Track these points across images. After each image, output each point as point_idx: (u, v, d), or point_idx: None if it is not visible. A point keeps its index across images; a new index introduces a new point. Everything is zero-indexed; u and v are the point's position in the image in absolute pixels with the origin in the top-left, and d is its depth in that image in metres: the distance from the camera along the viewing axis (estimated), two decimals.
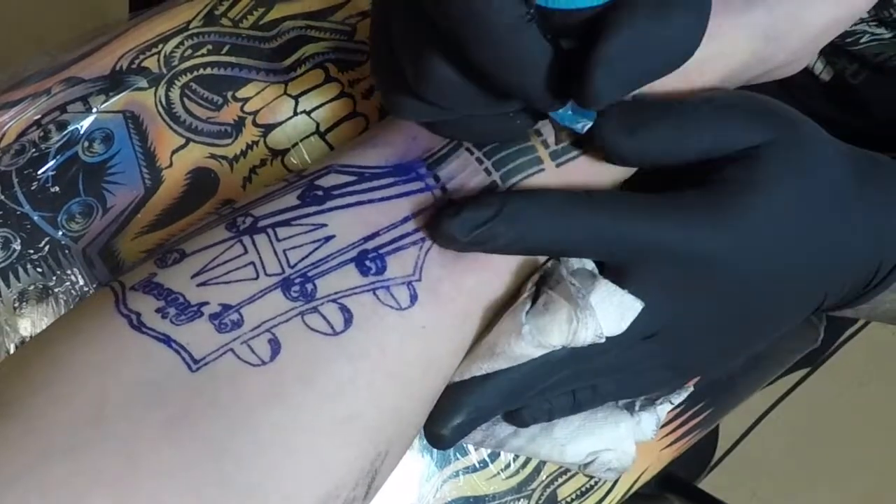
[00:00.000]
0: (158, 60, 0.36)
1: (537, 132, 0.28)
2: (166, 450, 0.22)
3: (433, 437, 0.27)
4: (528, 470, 0.39)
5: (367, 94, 0.36)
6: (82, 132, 0.35)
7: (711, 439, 0.95)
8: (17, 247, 0.34)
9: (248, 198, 0.28)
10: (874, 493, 1.23)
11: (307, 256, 0.25)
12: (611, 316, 0.26)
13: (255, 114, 0.36)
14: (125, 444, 0.21)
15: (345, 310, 0.25)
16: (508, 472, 0.38)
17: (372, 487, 0.26)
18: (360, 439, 0.24)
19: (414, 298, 0.26)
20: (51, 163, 0.34)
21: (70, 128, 0.35)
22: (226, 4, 0.37)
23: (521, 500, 0.39)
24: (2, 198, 0.34)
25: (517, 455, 0.39)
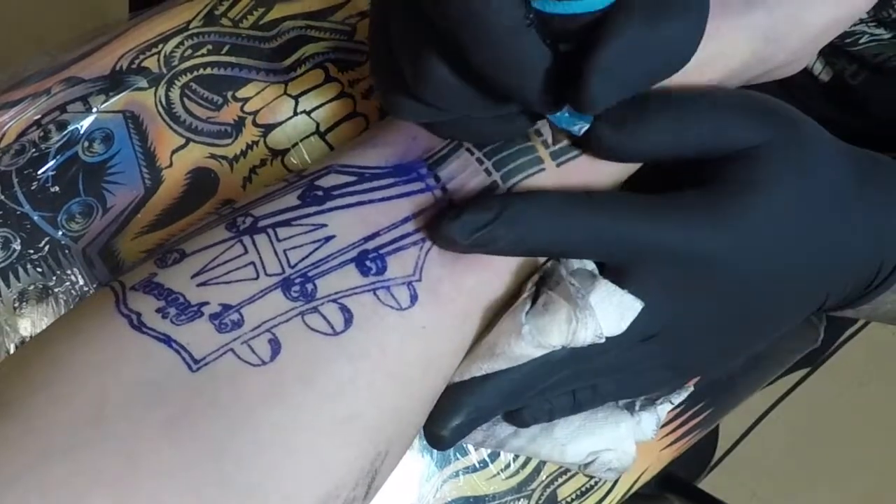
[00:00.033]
0: (158, 60, 0.36)
1: (538, 132, 0.28)
2: (166, 450, 0.22)
3: (433, 437, 0.27)
4: (528, 470, 0.39)
5: (367, 94, 0.36)
6: (82, 132, 0.35)
7: (711, 439, 0.95)
8: (17, 247, 0.34)
9: (248, 198, 0.28)
10: (874, 493, 1.23)
11: (307, 256, 0.25)
12: (610, 316, 0.26)
13: (255, 114, 0.36)
14: (125, 444, 0.21)
15: (345, 310, 0.25)
16: (508, 472, 0.38)
17: (372, 487, 0.26)
18: (360, 439, 0.24)
19: (414, 298, 0.26)
20: (51, 163, 0.34)
21: (70, 128, 0.34)
22: (226, 4, 0.37)
23: (521, 500, 0.39)
24: (2, 198, 0.34)
25: (517, 455, 0.39)
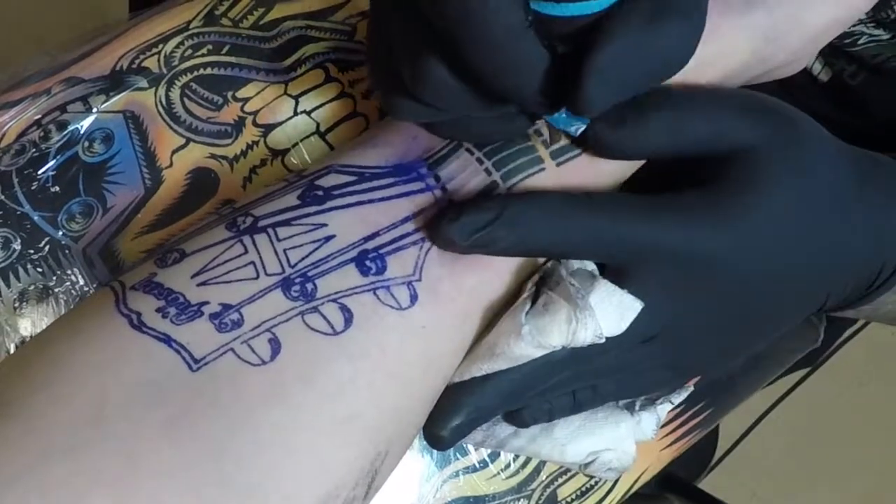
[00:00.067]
0: (158, 60, 0.36)
1: (538, 132, 0.28)
2: (166, 450, 0.22)
3: (432, 437, 0.27)
4: (528, 470, 0.39)
5: (367, 95, 0.36)
6: (82, 132, 0.35)
7: (711, 439, 0.95)
8: (17, 247, 0.34)
9: (249, 198, 0.28)
10: (874, 493, 1.23)
11: (307, 256, 0.25)
12: (610, 316, 0.26)
13: (255, 114, 0.36)
14: (125, 444, 0.21)
15: (345, 309, 0.25)
16: (508, 472, 0.38)
17: (372, 487, 0.26)
18: (360, 439, 0.24)
19: (414, 298, 0.26)
20: (51, 163, 0.34)
21: (70, 128, 0.34)
22: (226, 4, 0.37)
23: (521, 500, 0.39)
24: (2, 198, 0.34)
25: (517, 455, 0.39)
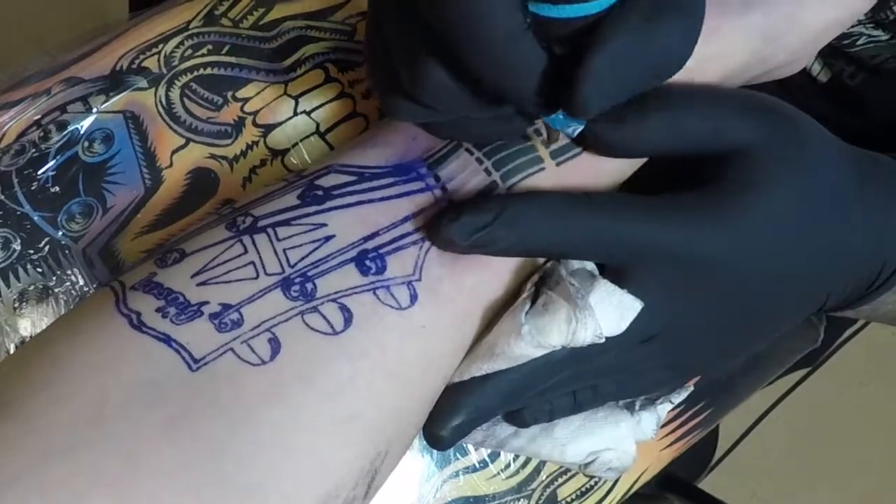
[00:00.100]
0: (158, 60, 0.36)
1: (537, 131, 0.28)
2: (166, 450, 0.22)
3: (432, 437, 0.27)
4: (528, 470, 0.39)
5: (367, 95, 0.36)
6: (82, 132, 0.35)
7: (711, 439, 0.95)
8: (17, 247, 0.34)
9: (248, 197, 0.28)
10: (874, 493, 1.23)
11: (307, 256, 0.25)
12: (610, 316, 0.26)
13: (255, 114, 0.36)
14: (125, 444, 0.21)
15: (345, 309, 0.25)
16: (508, 472, 0.38)
17: (372, 487, 0.26)
18: (360, 439, 0.24)
19: (414, 298, 0.26)
20: (51, 163, 0.34)
21: (70, 128, 0.34)
22: (226, 4, 0.37)
23: (521, 500, 0.39)
24: (2, 198, 0.34)
25: (517, 455, 0.39)
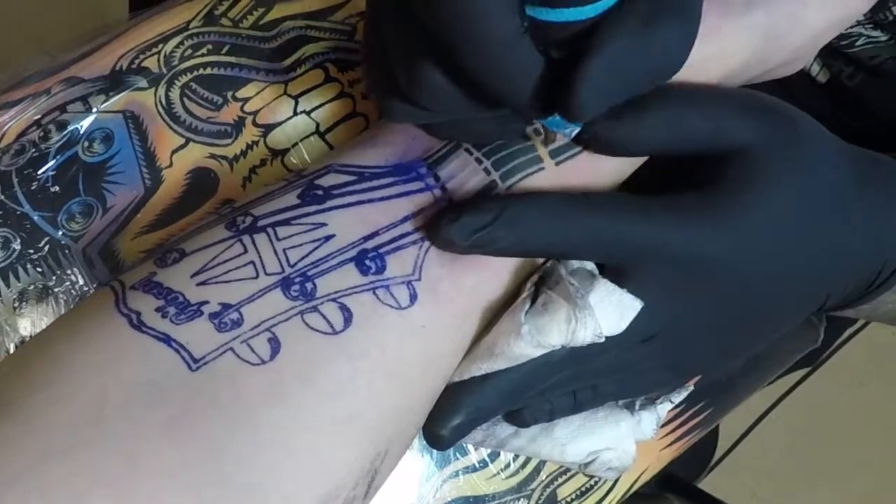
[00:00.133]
0: (158, 60, 0.36)
1: (537, 131, 0.28)
2: (166, 450, 0.22)
3: (432, 437, 0.27)
4: (528, 470, 0.39)
5: (366, 95, 0.36)
6: (82, 132, 0.35)
7: (711, 439, 0.95)
8: (17, 247, 0.34)
9: (248, 197, 0.28)
10: (874, 493, 1.23)
11: (307, 256, 0.25)
12: (610, 315, 0.26)
13: (255, 114, 0.36)
14: (125, 444, 0.21)
15: (344, 309, 0.25)
16: (508, 472, 0.38)
17: (372, 487, 0.26)
18: (360, 439, 0.24)
19: (413, 298, 0.26)
20: (51, 163, 0.34)
21: (70, 128, 0.34)
22: (226, 4, 0.37)
23: (521, 499, 0.39)
24: (2, 198, 0.34)
25: (517, 455, 0.39)
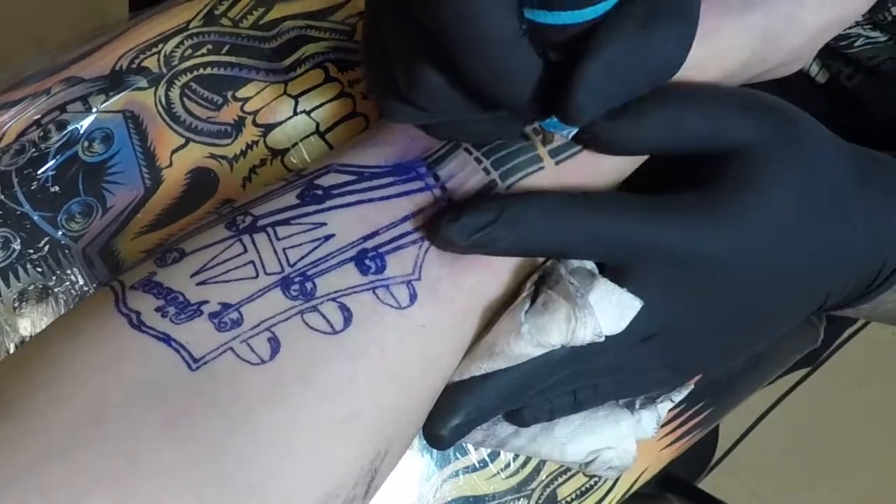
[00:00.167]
0: (158, 60, 0.36)
1: (537, 130, 0.28)
2: (166, 450, 0.22)
3: (432, 437, 0.27)
4: (528, 469, 0.39)
5: (366, 94, 0.36)
6: (82, 132, 0.35)
7: (711, 439, 0.95)
8: (16, 247, 0.34)
9: (248, 197, 0.28)
10: (874, 493, 1.23)
11: (307, 255, 0.25)
12: (610, 315, 0.26)
13: (254, 114, 0.36)
14: (125, 444, 0.21)
15: (344, 308, 0.25)
16: (508, 472, 0.38)
17: (372, 487, 0.26)
18: (359, 439, 0.24)
19: (413, 297, 0.26)
20: (51, 163, 0.34)
21: (70, 127, 0.34)
22: (226, 4, 0.37)
23: (521, 499, 0.39)
24: (2, 198, 0.34)
25: (517, 454, 0.39)
